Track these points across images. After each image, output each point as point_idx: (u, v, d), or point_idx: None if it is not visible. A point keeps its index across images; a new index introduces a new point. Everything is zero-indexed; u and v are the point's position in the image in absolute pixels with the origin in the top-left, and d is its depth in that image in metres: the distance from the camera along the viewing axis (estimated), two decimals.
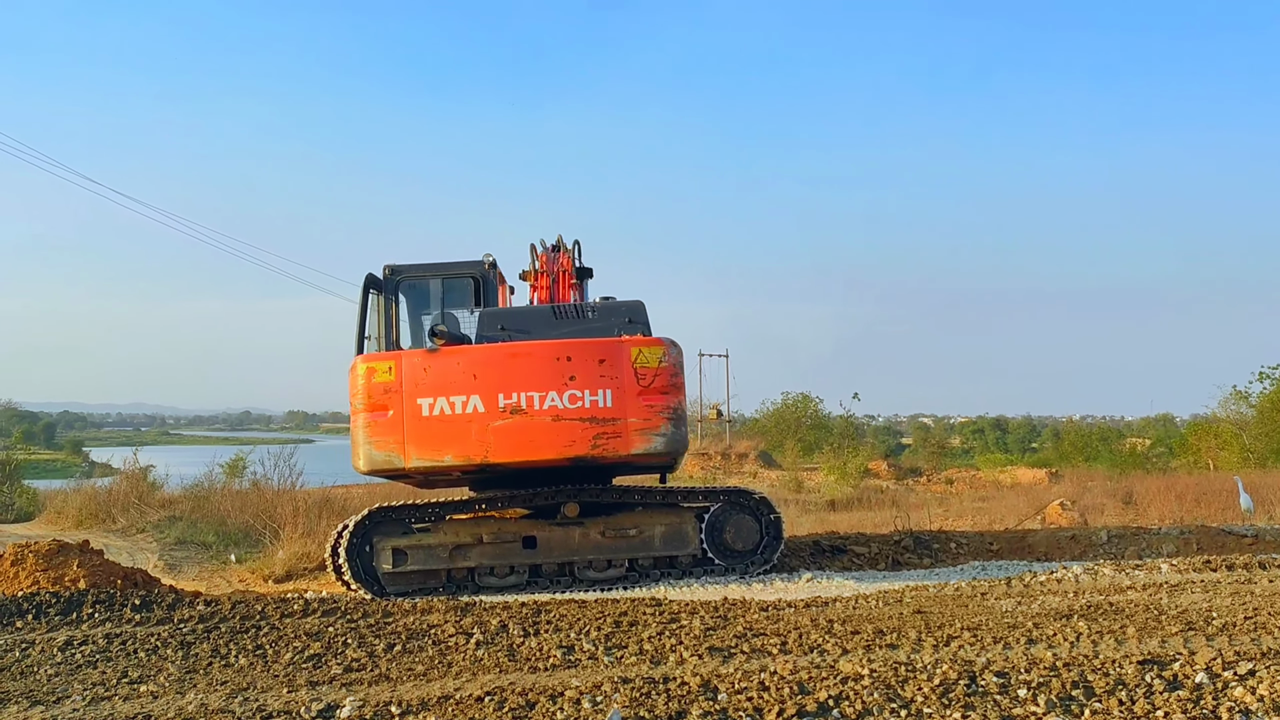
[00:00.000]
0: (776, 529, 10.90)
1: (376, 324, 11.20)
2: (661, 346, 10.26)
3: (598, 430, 10.02)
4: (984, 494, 28.73)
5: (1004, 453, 56.60)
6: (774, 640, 6.49)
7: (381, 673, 6.09)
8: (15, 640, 7.27)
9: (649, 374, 10.13)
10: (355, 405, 10.10)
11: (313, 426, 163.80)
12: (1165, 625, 6.58)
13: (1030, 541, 12.85)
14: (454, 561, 10.38)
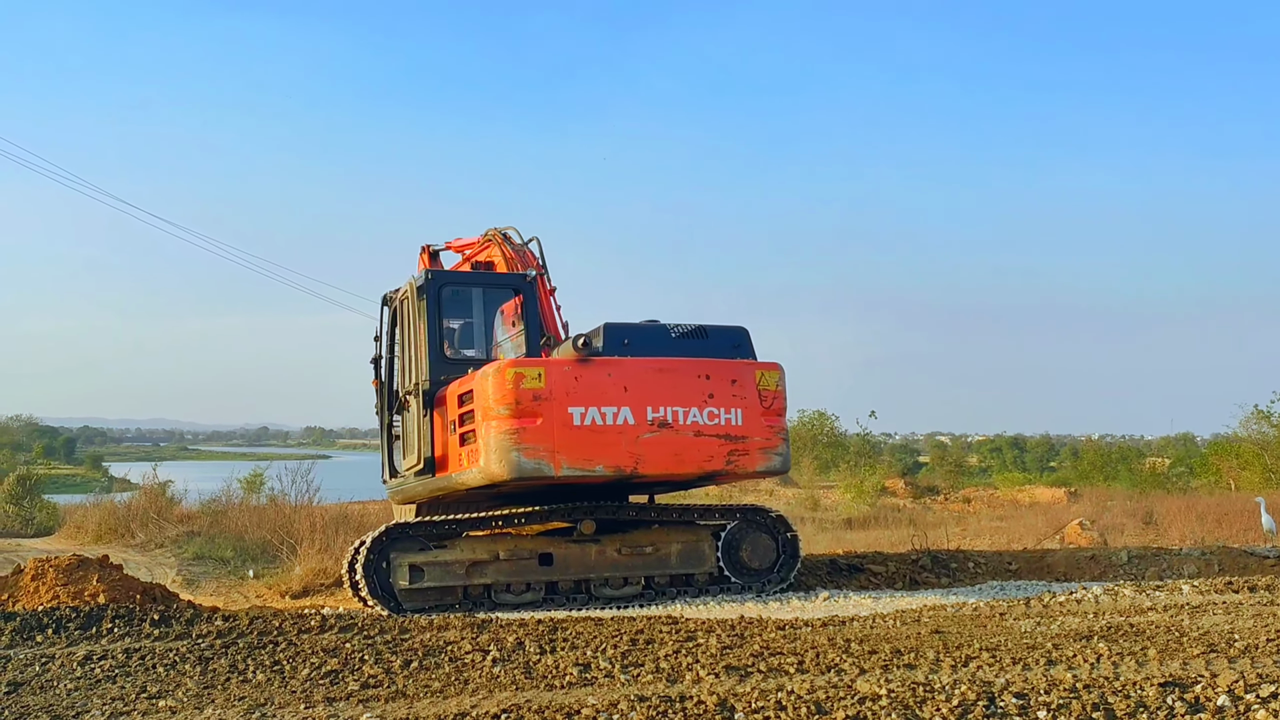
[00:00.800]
0: (793, 547, 10.88)
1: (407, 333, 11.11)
2: (778, 371, 10.64)
3: (731, 447, 10.33)
4: (1002, 513, 28.60)
5: (1022, 471, 56.34)
6: (791, 659, 6.47)
7: (398, 689, 6.09)
8: (35, 655, 7.30)
9: (769, 396, 10.52)
10: (496, 410, 9.70)
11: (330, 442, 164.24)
12: (1187, 647, 6.53)
13: (1049, 561, 12.77)
14: (470, 578, 10.39)
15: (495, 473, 9.70)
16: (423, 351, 10.67)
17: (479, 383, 9.96)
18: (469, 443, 10.06)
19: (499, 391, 9.72)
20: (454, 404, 10.34)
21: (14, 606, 9.52)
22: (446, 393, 10.53)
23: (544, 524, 10.84)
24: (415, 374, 10.86)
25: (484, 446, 9.76)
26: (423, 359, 10.67)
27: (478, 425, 9.89)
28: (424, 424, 10.63)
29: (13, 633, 7.97)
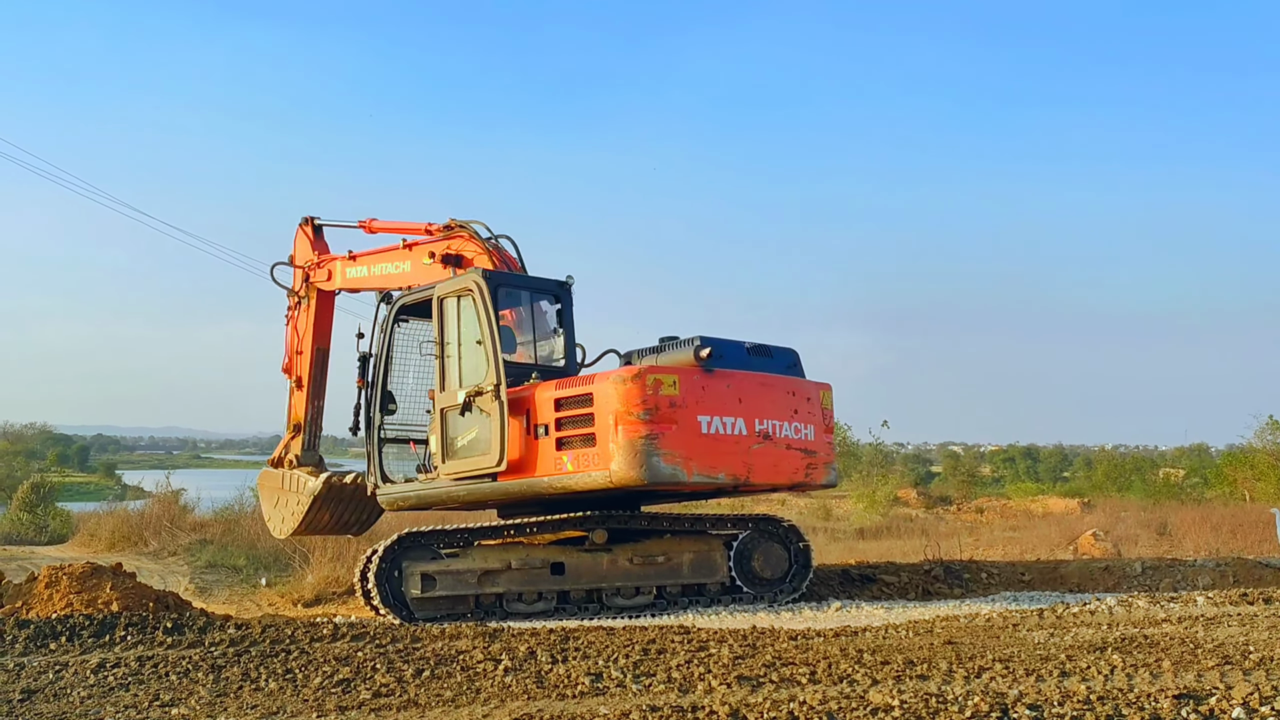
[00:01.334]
0: (805, 557, 10.86)
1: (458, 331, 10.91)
2: (831, 391, 11.19)
3: (809, 461, 10.87)
4: (1015, 523, 28.48)
5: (1035, 482, 56.09)
6: (803, 670, 6.45)
7: (410, 698, 6.10)
8: (49, 662, 7.33)
9: (828, 414, 11.21)
10: (633, 415, 9.77)
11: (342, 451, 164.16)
12: (1201, 659, 6.49)
13: (1063, 572, 12.72)
14: (482, 587, 10.39)
15: (628, 477, 9.74)
16: (491, 352, 10.45)
17: (607, 387, 9.93)
18: (572, 446, 10.06)
19: (637, 396, 9.82)
20: (546, 407, 10.25)
21: (28, 614, 9.55)
22: (531, 395, 10.42)
23: (556, 533, 10.83)
24: (482, 375, 10.53)
25: (616, 450, 9.80)
26: (491, 360, 10.43)
27: (603, 429, 9.90)
28: (496, 426, 10.31)
29: (26, 640, 8.00)
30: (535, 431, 10.26)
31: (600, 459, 9.86)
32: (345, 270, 13.38)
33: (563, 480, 10.08)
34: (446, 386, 10.82)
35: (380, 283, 12.81)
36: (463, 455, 10.62)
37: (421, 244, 12.46)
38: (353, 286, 13.44)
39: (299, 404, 13.94)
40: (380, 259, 12.99)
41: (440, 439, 10.76)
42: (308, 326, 13.77)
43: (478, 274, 10.76)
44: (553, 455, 10.14)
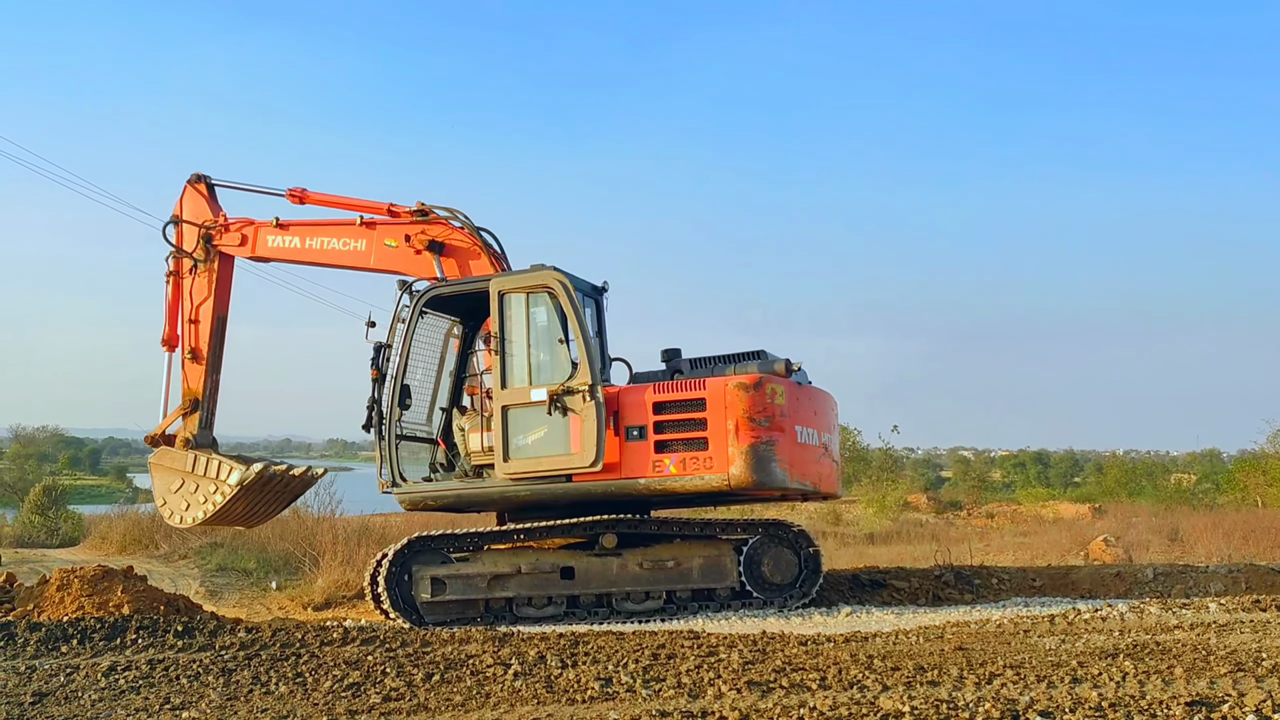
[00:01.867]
0: (815, 562, 10.83)
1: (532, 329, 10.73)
2: None
3: (837, 471, 11.62)
4: (1025, 529, 28.40)
5: (1046, 487, 55.93)
6: (813, 675, 6.44)
7: (420, 702, 6.10)
8: (60, 665, 7.36)
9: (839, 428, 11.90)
10: (755, 421, 10.17)
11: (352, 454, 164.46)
12: (1214, 666, 6.46)
13: (1074, 578, 12.67)
14: (492, 591, 10.39)
15: (748, 480, 10.09)
16: (584, 352, 10.42)
17: (725, 392, 10.24)
18: (675, 450, 10.29)
19: (759, 403, 10.21)
20: (641, 409, 10.38)
21: (39, 617, 9.59)
22: (627, 396, 10.50)
23: (565, 537, 10.83)
24: (560, 373, 10.50)
25: (736, 454, 10.14)
26: (584, 360, 10.39)
27: (718, 434, 10.20)
28: (592, 426, 10.28)
29: (38, 643, 8.03)
30: (626, 433, 10.37)
31: (716, 463, 10.15)
32: (268, 238, 12.54)
33: (664, 482, 10.28)
34: (509, 384, 10.66)
35: (319, 258, 12.41)
36: (530, 454, 10.50)
37: (386, 224, 12.07)
38: (278, 257, 12.63)
39: (195, 377, 12.70)
40: (323, 232, 12.35)
41: (500, 437, 10.55)
42: (207, 293, 12.68)
43: (558, 273, 10.72)
44: (650, 457, 10.31)
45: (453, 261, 11.77)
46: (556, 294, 10.60)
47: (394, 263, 11.92)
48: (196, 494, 12.29)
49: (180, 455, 12.45)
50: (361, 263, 12.11)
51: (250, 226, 12.63)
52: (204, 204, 12.87)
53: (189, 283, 12.72)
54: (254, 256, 12.71)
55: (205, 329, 12.68)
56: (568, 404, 10.35)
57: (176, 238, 12.82)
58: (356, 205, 12.29)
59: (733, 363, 11.06)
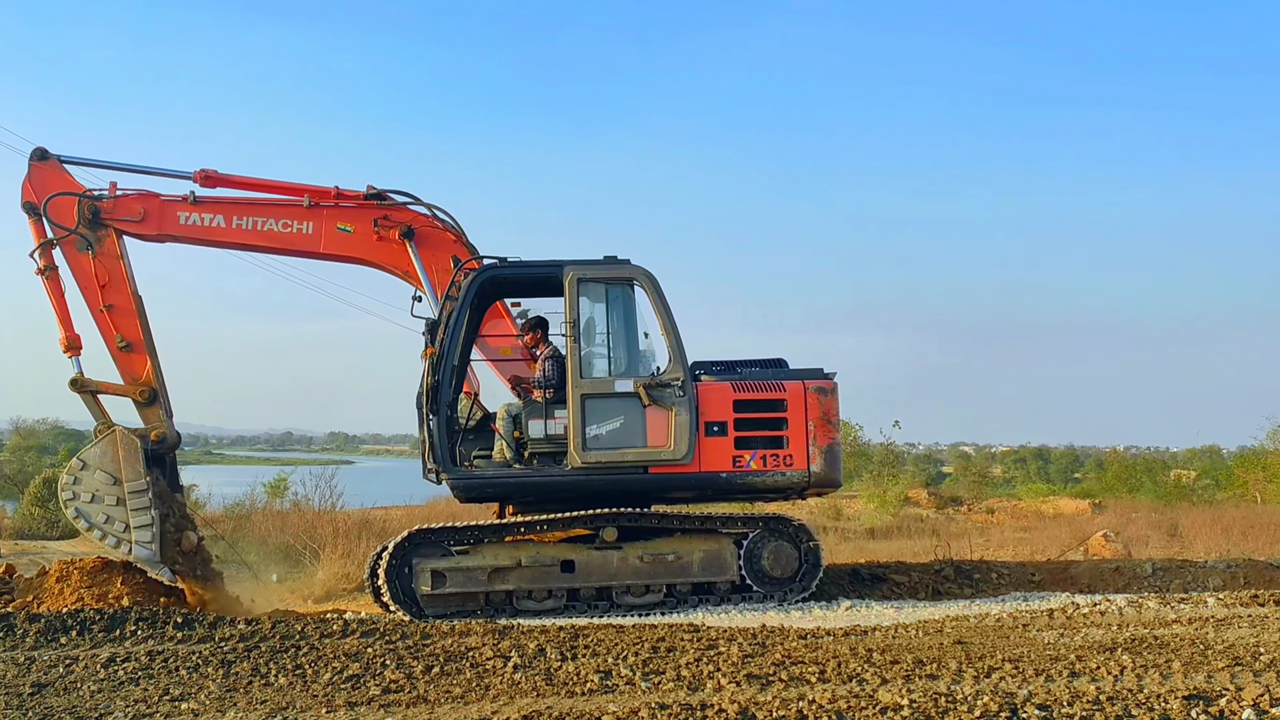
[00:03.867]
0: (815, 556, 10.84)
1: (618, 320, 10.69)
2: None
3: None
4: (1026, 524, 28.42)
5: (1046, 483, 55.89)
6: (812, 669, 6.45)
7: (419, 694, 6.11)
8: (59, 656, 7.37)
9: None
10: (830, 423, 10.89)
11: (353, 448, 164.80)
12: (1211, 660, 6.47)
13: (1073, 573, 12.67)
14: (492, 584, 10.39)
15: (828, 477, 10.82)
16: (675, 347, 10.58)
17: (804, 394, 10.77)
18: (755, 446, 10.68)
19: (834, 407, 10.95)
20: (721, 405, 10.69)
21: (39, 608, 9.61)
22: (707, 392, 10.73)
23: (566, 530, 10.83)
24: (644, 365, 10.70)
25: (817, 453, 10.77)
26: (675, 354, 10.55)
27: (797, 433, 10.73)
28: (684, 419, 10.45)
29: (37, 634, 8.05)
30: (707, 428, 10.64)
31: (796, 460, 10.70)
32: (180, 214, 11.22)
33: (746, 478, 10.67)
34: (586, 373, 10.58)
35: (248, 239, 11.31)
36: (608, 445, 10.51)
37: (337, 208, 11.35)
38: (193, 237, 11.31)
39: (139, 367, 11.12)
40: (258, 211, 11.34)
41: (576, 426, 10.46)
42: (119, 274, 11.14)
43: (642, 268, 10.78)
44: (729, 453, 10.65)
45: (429, 249, 11.47)
46: (644, 288, 10.73)
47: (350, 248, 11.35)
48: (107, 525, 10.41)
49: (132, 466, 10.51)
50: (308, 247, 11.37)
51: (153, 200, 11.28)
52: (66, 177, 11.25)
53: (87, 267, 11.05)
54: (157, 236, 11.29)
55: (130, 311, 11.17)
56: (660, 397, 10.50)
57: (52, 216, 11.00)
58: (284, 187, 11.41)
59: (753, 368, 11.33)
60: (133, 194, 11.25)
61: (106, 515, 10.35)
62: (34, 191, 11.09)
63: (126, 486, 10.39)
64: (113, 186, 11.24)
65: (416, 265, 11.38)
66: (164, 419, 11.12)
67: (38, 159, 11.22)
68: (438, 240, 11.54)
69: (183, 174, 11.37)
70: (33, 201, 11.05)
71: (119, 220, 11.16)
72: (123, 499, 10.36)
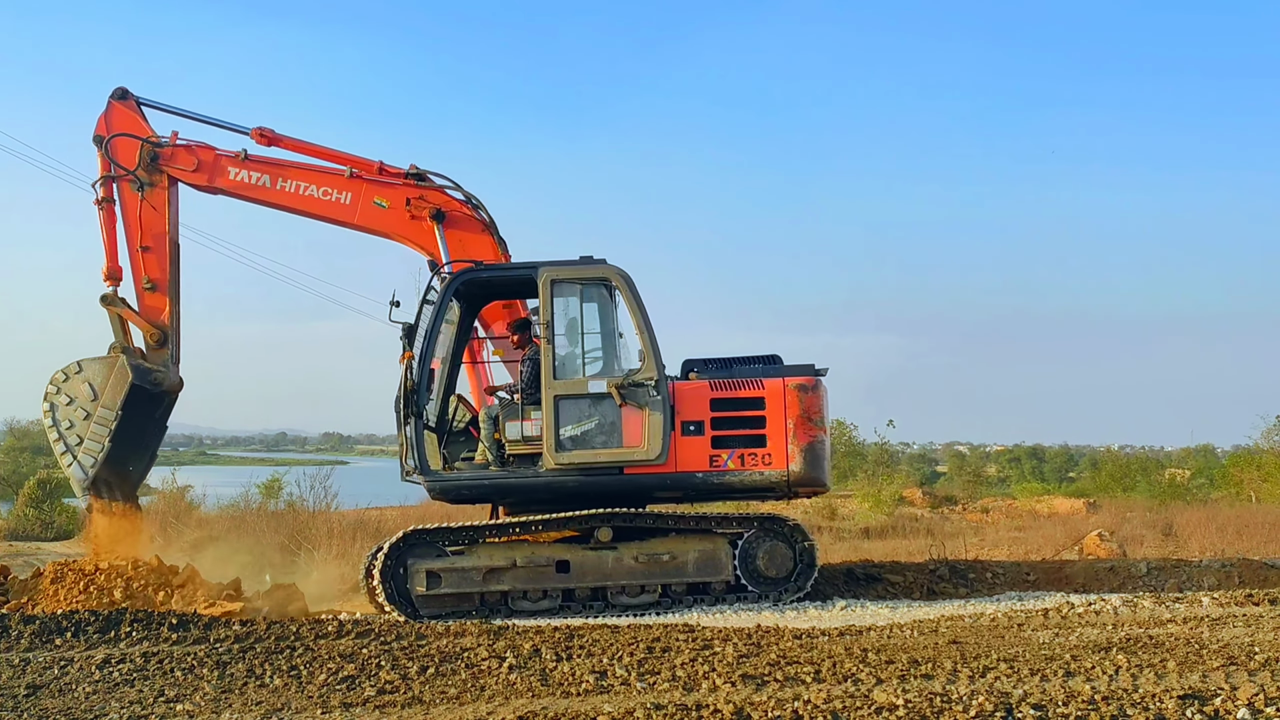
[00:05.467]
0: (810, 556, 10.84)
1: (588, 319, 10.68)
2: None
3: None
4: (1020, 523, 28.42)
5: (1041, 482, 55.93)
6: (808, 669, 6.45)
7: (414, 695, 6.11)
8: (54, 658, 7.35)
9: None
10: (812, 421, 10.64)
11: (348, 448, 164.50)
12: (1206, 660, 6.49)
13: (1068, 572, 12.69)
14: (487, 585, 10.39)
15: (807, 476, 10.59)
16: (649, 346, 10.52)
17: (784, 392, 10.60)
18: (733, 445, 10.57)
19: (815, 404, 10.69)
20: (698, 404, 10.60)
21: (33, 610, 9.59)
22: (684, 391, 10.65)
23: (561, 531, 10.83)
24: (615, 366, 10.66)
25: (796, 451, 10.57)
26: (650, 354, 10.49)
27: (776, 431, 10.54)
28: (659, 419, 10.41)
29: (32, 636, 8.03)
30: (683, 428, 10.56)
31: (775, 459, 10.55)
32: (231, 169, 11.72)
33: (723, 477, 10.59)
34: (560, 374, 10.59)
35: (289, 201, 11.70)
36: (583, 445, 10.50)
37: (377, 183, 11.65)
38: (240, 192, 11.76)
39: (158, 308, 11.69)
40: (302, 175, 11.72)
41: (550, 427, 10.46)
42: (159, 217, 11.73)
43: (616, 268, 10.75)
44: (707, 452, 10.57)
45: (456, 233, 11.61)
46: (619, 288, 10.71)
47: (383, 224, 11.60)
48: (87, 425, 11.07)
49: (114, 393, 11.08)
50: (344, 217, 11.64)
51: (209, 152, 11.79)
52: (138, 121, 11.87)
53: (135, 207, 11.65)
54: (209, 186, 11.82)
55: (164, 256, 11.74)
56: (633, 397, 10.47)
57: (112, 154, 11.68)
58: (336, 156, 11.76)
59: (747, 365, 11.20)
60: (192, 145, 11.81)
61: (71, 422, 11.05)
62: (106, 127, 11.80)
63: (99, 408, 11.04)
64: (174, 136, 11.82)
65: (441, 248, 11.52)
66: (169, 364, 11.62)
67: (118, 98, 11.89)
68: (467, 227, 11.67)
69: (244, 129, 11.88)
70: (102, 135, 11.75)
71: (174, 168, 11.78)
72: (91, 416, 11.02)
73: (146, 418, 11.59)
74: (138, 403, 11.25)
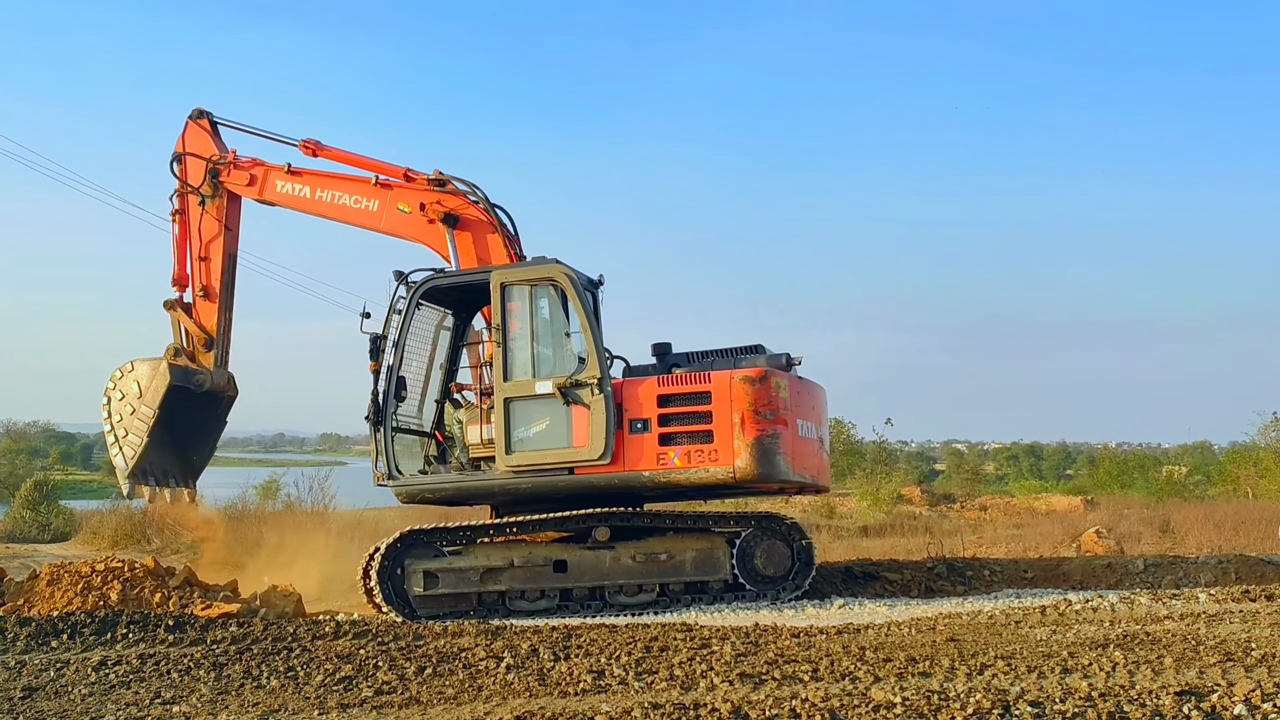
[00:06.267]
0: (808, 555, 10.84)
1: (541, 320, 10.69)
2: None
3: (828, 463, 11.75)
4: (1018, 521, 28.44)
5: (1039, 479, 56.02)
6: (805, 667, 6.44)
7: (412, 696, 6.10)
8: (50, 660, 7.34)
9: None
10: (759, 415, 10.22)
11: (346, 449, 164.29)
12: (1203, 656, 6.48)
13: (1065, 569, 12.70)
14: (485, 585, 10.39)
15: (752, 472, 10.15)
16: (593, 346, 10.46)
17: (731, 386, 10.27)
18: (680, 443, 10.32)
19: (764, 397, 10.26)
20: (645, 402, 10.40)
21: (29, 611, 9.57)
22: (631, 389, 10.49)
23: (558, 531, 10.82)
24: (564, 366, 10.57)
25: (741, 447, 10.18)
26: (593, 353, 10.44)
27: (723, 427, 10.23)
28: (600, 419, 10.31)
29: (28, 638, 8.01)
30: (630, 426, 10.39)
31: (720, 455, 10.21)
32: (278, 183, 12.50)
33: (669, 475, 10.33)
34: (511, 376, 10.62)
35: (326, 210, 12.32)
36: (532, 447, 10.49)
37: (401, 188, 12.04)
38: (286, 203, 12.55)
39: (209, 315, 12.78)
40: (335, 185, 12.32)
41: (501, 429, 10.50)
42: (217, 230, 12.74)
43: (563, 267, 10.72)
44: (654, 450, 10.35)
45: (467, 236, 11.73)
46: (563, 286, 10.62)
47: (404, 228, 11.94)
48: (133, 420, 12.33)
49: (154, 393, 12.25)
50: (371, 223, 12.11)
51: (260, 167, 12.61)
52: (208, 140, 12.84)
53: (197, 219, 12.74)
54: (261, 199, 12.65)
55: (216, 266, 12.73)
56: (575, 397, 10.39)
57: (181, 172, 12.82)
58: (372, 165, 12.27)
59: (730, 357, 11.06)
60: (246, 161, 12.69)
61: (120, 415, 12.27)
62: (181, 145, 12.93)
63: (142, 405, 12.19)
64: (232, 154, 12.74)
65: (451, 251, 11.65)
66: (210, 368, 12.66)
67: (193, 117, 12.91)
68: (478, 231, 11.76)
69: (294, 141, 12.65)
70: (179, 153, 12.90)
71: (233, 184, 12.72)
72: (135, 412, 12.20)
73: (197, 415, 12.78)
74: (180, 402, 12.36)
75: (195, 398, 12.60)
